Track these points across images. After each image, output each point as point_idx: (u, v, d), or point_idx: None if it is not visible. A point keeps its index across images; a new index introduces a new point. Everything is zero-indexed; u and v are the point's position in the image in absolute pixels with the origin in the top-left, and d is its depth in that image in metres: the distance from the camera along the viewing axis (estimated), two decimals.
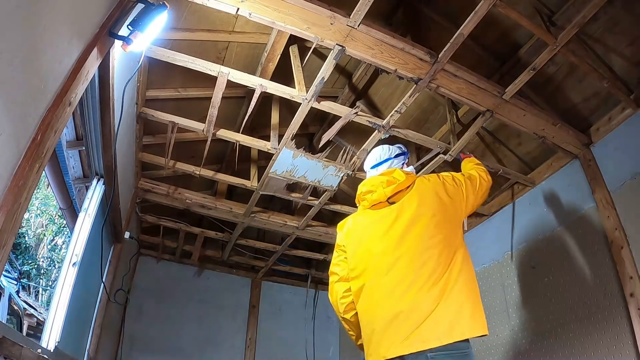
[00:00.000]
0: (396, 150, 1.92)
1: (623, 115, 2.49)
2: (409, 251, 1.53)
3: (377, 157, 1.91)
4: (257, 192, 3.22)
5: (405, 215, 1.62)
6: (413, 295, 1.43)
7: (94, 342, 2.69)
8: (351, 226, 1.78)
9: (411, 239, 1.56)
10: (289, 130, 2.63)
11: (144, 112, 2.57)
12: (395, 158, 1.89)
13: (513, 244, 3.16)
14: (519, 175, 3.03)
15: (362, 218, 1.75)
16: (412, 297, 1.43)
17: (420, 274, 1.47)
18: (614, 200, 2.45)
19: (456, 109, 3.00)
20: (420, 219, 1.60)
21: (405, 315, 1.41)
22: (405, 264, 1.51)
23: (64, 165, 2.54)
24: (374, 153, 1.94)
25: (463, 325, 1.40)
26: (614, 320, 2.29)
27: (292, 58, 2.66)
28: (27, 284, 10.47)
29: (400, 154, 1.92)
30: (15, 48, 0.97)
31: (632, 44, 2.30)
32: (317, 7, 1.88)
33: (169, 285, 4.41)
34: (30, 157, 1.10)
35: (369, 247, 1.64)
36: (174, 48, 2.22)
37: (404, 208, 1.64)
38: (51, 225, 11.43)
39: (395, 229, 1.60)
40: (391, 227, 1.62)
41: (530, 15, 2.34)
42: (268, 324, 4.67)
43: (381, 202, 1.70)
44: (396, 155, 1.90)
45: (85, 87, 1.43)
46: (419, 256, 1.51)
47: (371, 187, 1.73)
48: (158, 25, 1.61)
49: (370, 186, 1.74)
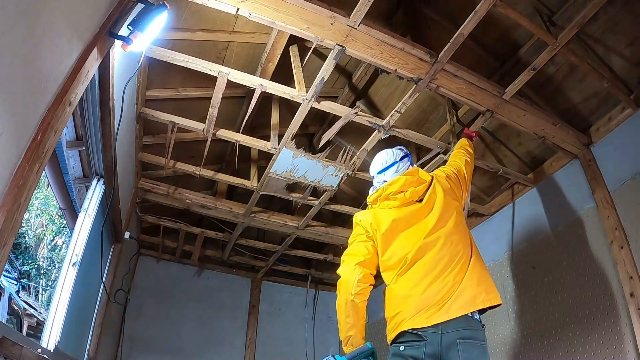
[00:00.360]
0: (400, 153, 2.06)
1: (623, 115, 2.49)
2: (442, 239, 1.75)
3: (382, 162, 2.04)
4: (257, 192, 3.21)
5: (435, 209, 1.84)
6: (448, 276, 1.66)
7: (94, 342, 2.69)
8: (380, 218, 1.87)
9: (443, 229, 1.79)
10: (289, 130, 2.63)
11: (144, 112, 2.57)
12: (400, 161, 2.03)
13: (513, 244, 3.16)
14: (519, 175, 3.03)
15: (392, 211, 1.87)
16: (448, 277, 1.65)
17: (452, 257, 1.71)
18: (614, 200, 2.45)
19: (456, 109, 3.00)
20: (446, 212, 1.84)
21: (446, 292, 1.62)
22: (440, 251, 1.72)
23: (64, 165, 2.54)
24: (379, 158, 2.06)
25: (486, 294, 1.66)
26: (614, 320, 2.29)
27: (292, 58, 2.66)
28: (27, 284, 10.48)
29: (404, 156, 2.07)
30: (15, 48, 0.97)
31: (632, 44, 2.30)
32: (317, 7, 1.88)
33: (169, 285, 4.41)
34: (30, 157, 1.10)
35: (407, 238, 1.80)
36: (174, 48, 2.22)
37: (432, 203, 1.86)
38: (51, 225, 11.43)
39: (429, 222, 1.81)
40: (426, 221, 1.82)
41: (530, 15, 2.34)
42: (268, 324, 4.67)
43: (413, 200, 1.88)
44: (401, 158, 2.04)
45: (85, 87, 1.43)
46: (450, 243, 1.75)
47: (401, 187, 1.88)
48: (158, 25, 1.61)
49: (400, 186, 1.88)
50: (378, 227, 1.84)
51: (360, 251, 1.84)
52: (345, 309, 1.73)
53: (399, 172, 1.98)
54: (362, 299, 1.75)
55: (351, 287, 1.74)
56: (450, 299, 1.61)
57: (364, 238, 1.87)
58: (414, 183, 1.88)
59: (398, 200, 1.87)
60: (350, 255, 1.85)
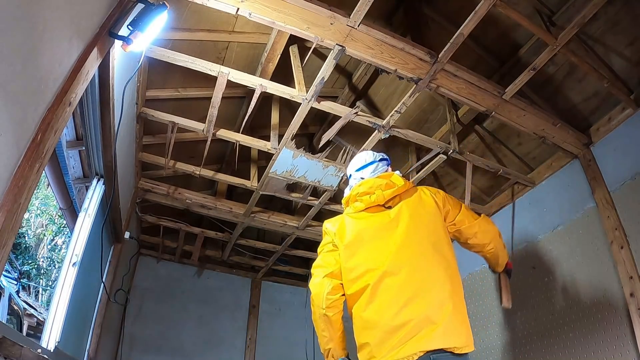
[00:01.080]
0: (380, 156, 1.98)
1: (623, 115, 2.49)
2: (414, 257, 1.59)
3: (362, 161, 1.95)
4: (257, 192, 3.21)
5: (407, 221, 1.66)
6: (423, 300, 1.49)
7: (94, 342, 2.68)
8: (346, 226, 1.75)
9: (414, 246, 1.61)
10: (289, 130, 2.63)
11: (144, 112, 2.57)
12: (379, 161, 1.94)
13: (513, 244, 3.16)
14: (519, 175, 3.03)
15: (358, 220, 1.74)
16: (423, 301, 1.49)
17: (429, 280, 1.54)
18: (614, 200, 2.45)
19: (456, 109, 3.00)
20: (423, 228, 1.66)
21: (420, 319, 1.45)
22: (412, 270, 1.55)
23: (64, 165, 2.55)
24: (360, 157, 1.98)
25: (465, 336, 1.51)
26: (614, 320, 2.29)
27: (292, 58, 2.66)
28: (27, 284, 10.47)
29: (384, 159, 1.98)
30: (15, 48, 0.97)
31: (632, 44, 2.30)
32: (317, 7, 1.88)
33: (169, 285, 4.41)
34: (30, 157, 1.10)
35: (371, 250, 1.65)
36: (174, 48, 2.22)
37: (404, 215, 1.68)
38: (51, 225, 11.43)
39: (398, 235, 1.63)
40: (393, 233, 1.64)
41: (530, 15, 2.34)
42: (268, 324, 4.67)
43: (378, 204, 1.73)
44: (380, 159, 1.96)
45: (85, 87, 1.43)
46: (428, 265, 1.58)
47: (369, 189, 1.74)
48: (158, 25, 1.61)
49: (368, 188, 1.74)
50: (341, 233, 1.73)
51: (328, 262, 1.72)
52: (320, 323, 1.65)
53: (376, 173, 1.87)
54: (334, 311, 1.65)
55: (322, 300, 1.64)
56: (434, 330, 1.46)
57: (331, 247, 1.76)
58: (382, 186, 1.73)
59: (363, 202, 1.74)
60: (318, 267, 1.74)
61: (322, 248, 1.80)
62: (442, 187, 3.73)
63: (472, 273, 3.52)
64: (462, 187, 3.32)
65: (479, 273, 3.43)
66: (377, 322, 1.50)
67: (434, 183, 3.74)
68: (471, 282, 3.51)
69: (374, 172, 1.89)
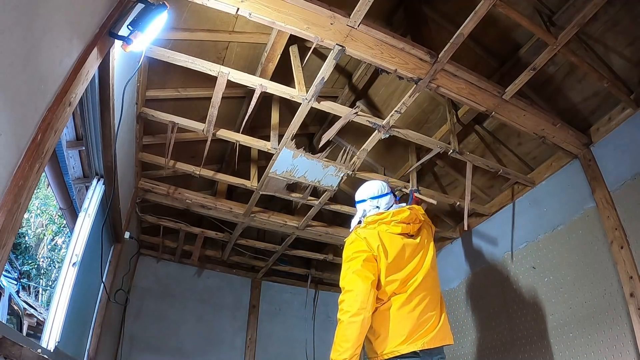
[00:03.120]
0: (389, 188, 2.38)
1: (623, 115, 2.49)
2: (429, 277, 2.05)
3: (378, 189, 2.32)
4: (257, 192, 3.21)
5: (429, 250, 2.14)
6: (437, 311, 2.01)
7: (94, 342, 2.68)
8: (385, 244, 2.02)
9: (430, 268, 2.07)
10: (289, 130, 2.63)
11: (144, 112, 2.57)
12: (391, 193, 2.34)
13: (513, 244, 3.16)
14: (519, 175, 3.03)
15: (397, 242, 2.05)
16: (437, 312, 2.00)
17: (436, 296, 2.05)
18: (614, 200, 2.45)
19: (456, 109, 3.00)
20: (432, 254, 2.13)
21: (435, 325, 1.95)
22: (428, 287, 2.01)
23: (64, 165, 2.54)
24: (374, 185, 2.34)
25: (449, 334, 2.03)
26: (614, 320, 2.29)
27: (292, 58, 2.66)
28: (27, 284, 10.48)
29: (392, 191, 2.39)
30: (15, 48, 0.97)
31: (632, 44, 2.30)
32: (317, 7, 1.88)
33: (169, 285, 4.41)
34: (30, 157, 1.10)
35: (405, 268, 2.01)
36: (174, 48, 2.22)
37: (424, 243, 2.14)
38: (51, 225, 11.43)
39: (420, 259, 2.07)
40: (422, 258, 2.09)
41: (530, 15, 2.34)
42: (268, 324, 4.67)
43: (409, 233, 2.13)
44: (390, 192, 2.35)
45: (85, 87, 1.43)
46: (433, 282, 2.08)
47: (407, 219, 2.12)
48: (158, 25, 1.61)
49: (406, 217, 2.12)
50: (387, 249, 1.98)
51: (371, 271, 1.91)
52: (361, 326, 1.78)
53: (389, 204, 2.26)
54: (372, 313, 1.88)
55: (369, 305, 1.82)
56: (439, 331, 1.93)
57: (371, 257, 1.95)
58: (414, 219, 2.13)
59: (400, 228, 2.07)
60: (362, 272, 1.89)
61: (359, 254, 1.96)
62: (442, 187, 3.73)
63: (472, 273, 3.53)
64: (462, 187, 3.32)
65: (478, 273, 3.44)
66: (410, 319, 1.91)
67: (434, 183, 3.74)
68: (471, 283, 3.51)
69: (388, 204, 2.27)
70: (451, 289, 3.73)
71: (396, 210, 2.14)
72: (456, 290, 3.67)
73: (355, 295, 1.82)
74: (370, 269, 1.91)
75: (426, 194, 3.25)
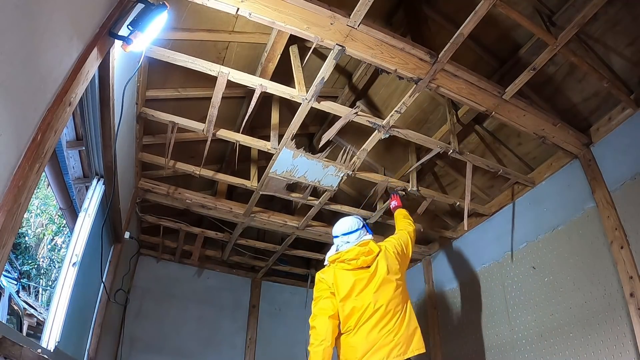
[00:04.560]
0: (361, 223, 2.57)
1: (623, 115, 2.49)
2: (383, 301, 2.25)
3: (349, 227, 2.51)
4: (257, 192, 3.21)
5: (378, 275, 2.33)
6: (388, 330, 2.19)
7: (94, 342, 2.68)
8: (339, 279, 2.34)
9: (385, 293, 2.28)
10: (289, 130, 2.63)
11: (144, 112, 2.57)
12: (362, 229, 2.52)
13: (513, 244, 3.16)
14: (519, 175, 3.03)
15: (348, 278, 2.33)
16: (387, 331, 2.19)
17: (390, 316, 2.23)
18: (614, 200, 2.45)
19: (456, 109, 3.00)
20: (389, 278, 2.33)
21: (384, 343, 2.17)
22: (381, 311, 2.22)
23: (64, 165, 2.55)
24: (346, 223, 2.54)
25: (414, 345, 2.21)
26: (614, 320, 2.29)
27: (292, 58, 2.66)
28: (27, 284, 10.47)
29: (364, 225, 2.57)
30: (15, 48, 0.97)
31: (632, 44, 2.30)
32: (317, 7, 1.88)
33: (169, 285, 4.41)
34: (30, 157, 1.10)
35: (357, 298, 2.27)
36: (174, 48, 2.22)
37: (377, 271, 2.35)
38: (51, 225, 11.43)
39: (372, 286, 2.30)
40: (369, 284, 2.31)
41: (530, 15, 2.34)
42: (268, 324, 4.67)
43: (362, 266, 2.36)
44: (362, 227, 2.54)
45: (85, 87, 1.43)
46: (389, 304, 2.25)
47: (356, 256, 2.36)
48: (158, 25, 1.61)
49: (356, 255, 2.37)
50: (338, 287, 2.31)
51: (329, 306, 2.28)
52: (322, 354, 2.14)
53: (359, 239, 2.47)
54: (333, 344, 2.23)
55: (329, 337, 2.19)
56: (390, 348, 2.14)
57: (329, 294, 2.31)
58: (365, 253, 2.37)
59: (351, 265, 2.35)
60: (323, 310, 2.28)
61: (321, 293, 2.35)
62: (442, 187, 3.74)
63: (472, 273, 3.53)
64: (462, 187, 3.32)
65: (478, 273, 3.44)
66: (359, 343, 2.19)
67: (434, 183, 3.74)
68: (471, 283, 3.51)
69: (358, 238, 2.47)
70: (451, 289, 3.73)
71: (345, 250, 2.42)
72: (456, 290, 3.67)
73: (317, 331, 2.22)
74: (329, 305, 2.28)
75: (426, 193, 3.25)
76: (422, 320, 4.00)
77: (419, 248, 4.09)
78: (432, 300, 3.96)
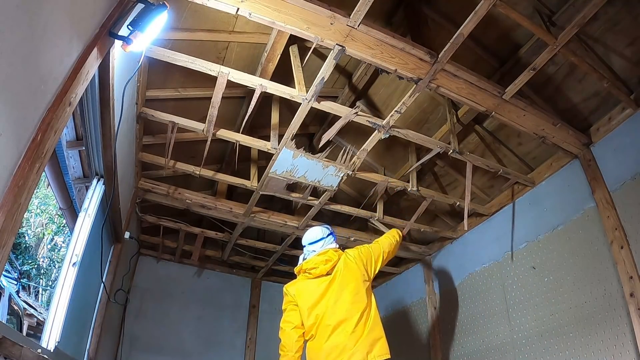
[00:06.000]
0: (327, 231, 2.65)
1: (623, 115, 2.49)
2: (343, 307, 2.32)
3: (314, 236, 2.61)
4: (257, 192, 3.21)
5: (337, 282, 2.41)
6: (348, 335, 2.24)
7: (94, 342, 2.68)
8: (301, 290, 2.47)
9: (344, 298, 2.35)
10: (289, 130, 2.63)
11: (144, 112, 2.57)
12: (326, 237, 2.61)
13: (513, 244, 3.16)
14: (519, 175, 3.03)
15: (308, 285, 2.46)
16: (347, 335, 2.24)
17: (351, 321, 2.27)
18: (614, 200, 2.45)
19: (456, 109, 3.00)
20: (348, 284, 2.40)
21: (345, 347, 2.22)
22: (341, 316, 2.29)
23: (64, 165, 2.54)
24: (312, 232, 2.64)
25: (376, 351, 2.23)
26: (614, 320, 2.29)
27: (292, 58, 2.66)
28: (27, 284, 10.47)
29: (330, 234, 2.66)
30: (15, 48, 0.97)
31: (632, 44, 2.30)
32: (317, 7, 1.88)
33: (169, 285, 4.41)
34: (30, 157, 1.10)
35: (318, 306, 2.37)
36: (174, 48, 2.22)
37: (336, 277, 2.43)
38: (51, 225, 11.42)
39: (332, 292, 2.39)
40: (328, 291, 2.39)
41: (530, 15, 2.34)
42: (268, 324, 4.66)
43: (322, 274, 2.46)
44: (327, 235, 2.62)
45: (85, 87, 1.43)
46: (349, 309, 2.31)
47: (315, 265, 2.46)
48: (158, 25, 1.61)
49: (314, 264, 2.46)
50: (300, 298, 2.43)
51: (293, 318, 2.42)
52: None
53: (324, 247, 2.54)
54: (300, 353, 2.35)
55: (292, 347, 2.33)
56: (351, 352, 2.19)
57: (292, 306, 2.45)
58: (323, 262, 2.46)
59: (312, 274, 2.46)
60: (286, 322, 2.43)
61: (286, 306, 2.49)
62: (442, 187, 3.74)
63: (472, 273, 3.53)
64: (462, 187, 3.32)
65: (478, 273, 3.44)
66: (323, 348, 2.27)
67: (434, 183, 3.74)
68: (471, 283, 3.51)
69: (323, 246, 2.56)
70: (451, 289, 3.73)
71: (305, 261, 2.53)
72: (456, 290, 3.67)
73: (282, 343, 2.39)
74: (294, 316, 2.42)
75: (426, 193, 3.25)
76: (422, 320, 4.03)
77: (419, 248, 4.09)
78: (432, 300, 3.96)
